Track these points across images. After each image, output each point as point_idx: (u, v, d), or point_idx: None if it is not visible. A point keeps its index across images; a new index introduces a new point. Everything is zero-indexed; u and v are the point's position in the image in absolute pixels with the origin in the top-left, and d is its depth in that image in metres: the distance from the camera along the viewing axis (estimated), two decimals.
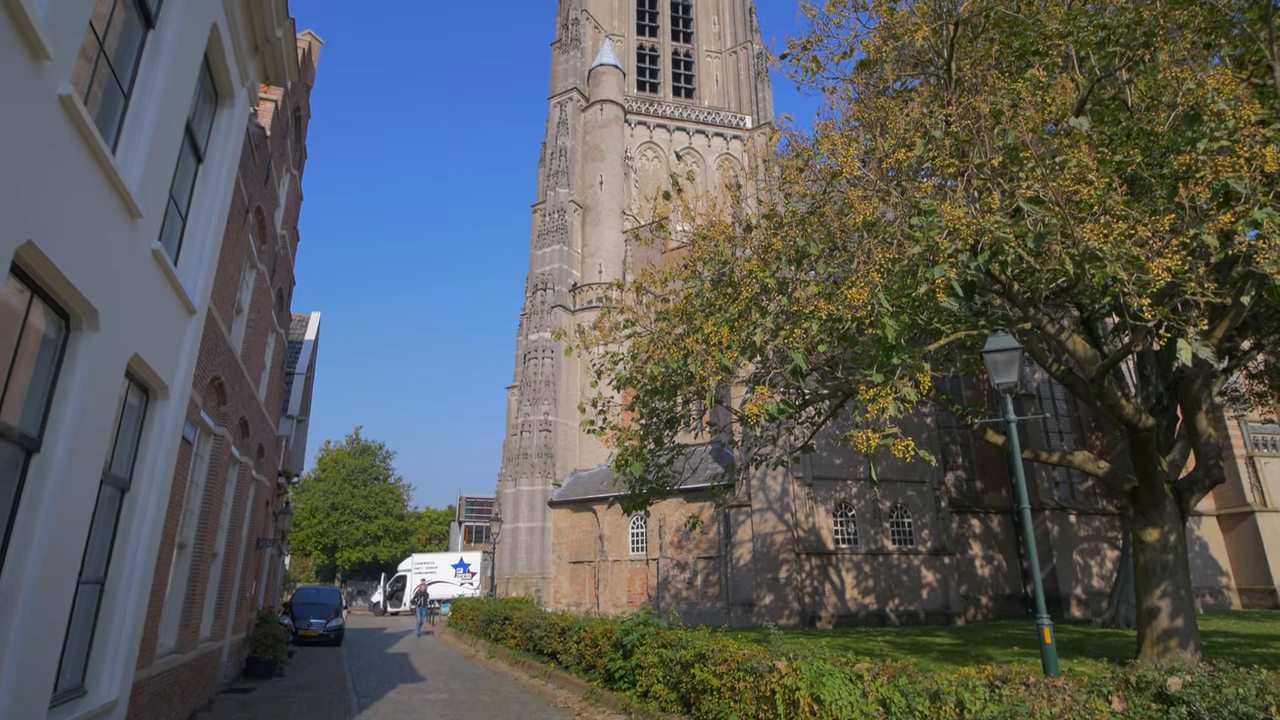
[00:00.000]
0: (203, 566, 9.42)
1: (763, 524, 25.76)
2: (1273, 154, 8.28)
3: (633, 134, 43.25)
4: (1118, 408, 11.97)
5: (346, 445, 65.92)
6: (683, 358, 10.08)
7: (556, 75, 43.68)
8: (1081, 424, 31.85)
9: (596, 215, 40.15)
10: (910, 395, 8.21)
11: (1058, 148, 9.04)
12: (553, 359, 36.16)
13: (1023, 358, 23.04)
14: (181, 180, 7.01)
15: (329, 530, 60.45)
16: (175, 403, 6.91)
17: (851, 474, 26.30)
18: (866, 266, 8.52)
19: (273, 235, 12.21)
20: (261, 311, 12.02)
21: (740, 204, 14.04)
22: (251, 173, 9.51)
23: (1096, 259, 8.21)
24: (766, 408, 9.02)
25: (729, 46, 47.01)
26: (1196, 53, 10.97)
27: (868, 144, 10.74)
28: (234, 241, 8.98)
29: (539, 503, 34.09)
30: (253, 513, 13.93)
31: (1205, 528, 30.93)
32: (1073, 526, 29.05)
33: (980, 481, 30.48)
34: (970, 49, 12.51)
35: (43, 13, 3.72)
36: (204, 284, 7.46)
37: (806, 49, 12.37)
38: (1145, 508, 12.74)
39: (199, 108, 7.23)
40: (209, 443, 9.43)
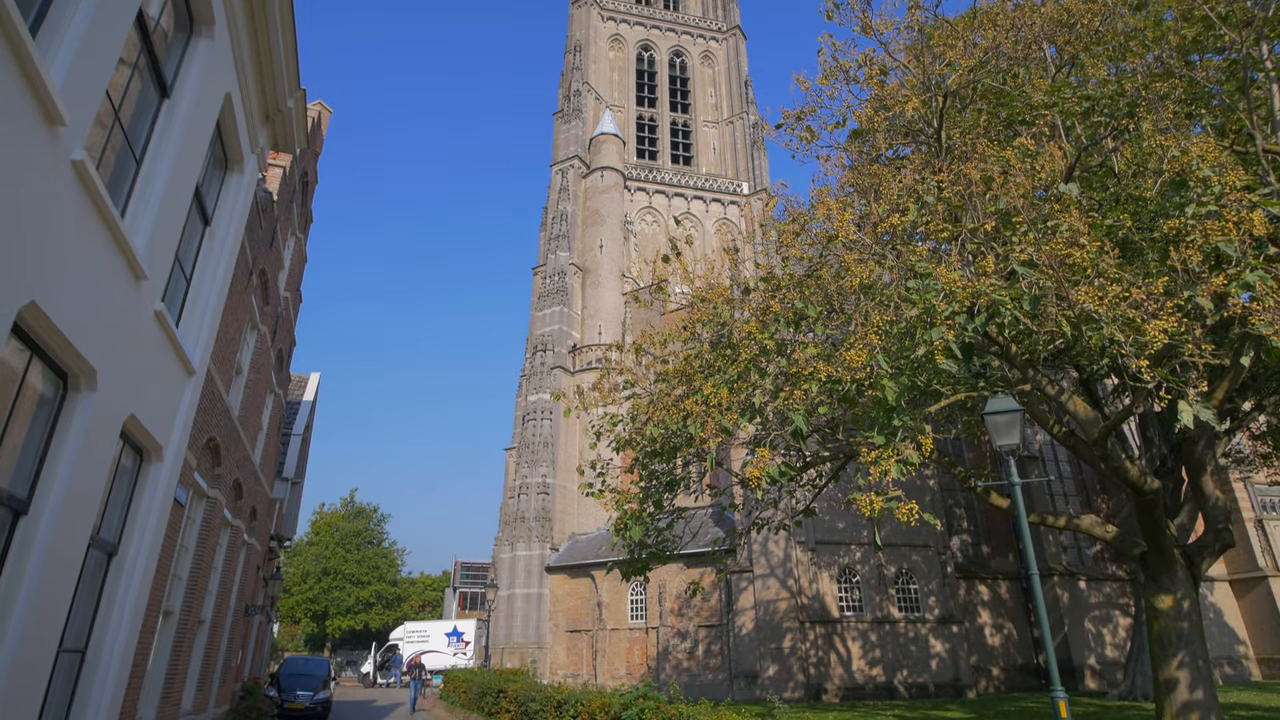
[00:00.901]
0: (188, 635, 9.12)
1: (765, 590, 25.14)
2: (1260, 218, 8.45)
3: (632, 199, 44.26)
4: (1122, 470, 11.84)
5: (341, 508, 64.96)
6: (682, 419, 10.03)
7: (558, 143, 44.99)
8: (1087, 487, 31.46)
9: (596, 278, 40.69)
10: (912, 457, 8.13)
11: (1049, 212, 9.22)
12: (551, 420, 36.00)
13: (1024, 420, 22.95)
14: (188, 243, 7.12)
15: (320, 596, 58.93)
16: (169, 464, 6.83)
17: (855, 538, 25.82)
18: (864, 328, 8.56)
19: (276, 297, 12.32)
20: (261, 372, 12.02)
21: (738, 267, 14.24)
22: (257, 236, 9.67)
23: (1093, 321, 8.27)
24: (767, 470, 8.91)
25: (725, 117, 48.59)
26: (1179, 122, 11.33)
27: (862, 209, 10.96)
28: (237, 303, 9.05)
29: (536, 568, 33.34)
30: (242, 578, 13.59)
31: (1219, 594, 30.16)
32: (1083, 593, 28.32)
33: (986, 546, 29.90)
34: (959, 119, 12.93)
35: (60, 81, 3.84)
36: (205, 345, 7.47)
37: (800, 119, 12.77)
38: (1156, 573, 12.46)
39: (209, 173, 7.40)
40: (201, 505, 9.27)
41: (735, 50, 50.21)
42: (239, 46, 7.08)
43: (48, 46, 3.90)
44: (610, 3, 49.73)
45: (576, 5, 48.88)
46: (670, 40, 50.42)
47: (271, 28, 7.31)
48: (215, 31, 6.32)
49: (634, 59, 49.37)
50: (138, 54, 5.30)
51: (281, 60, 7.80)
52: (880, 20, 11.41)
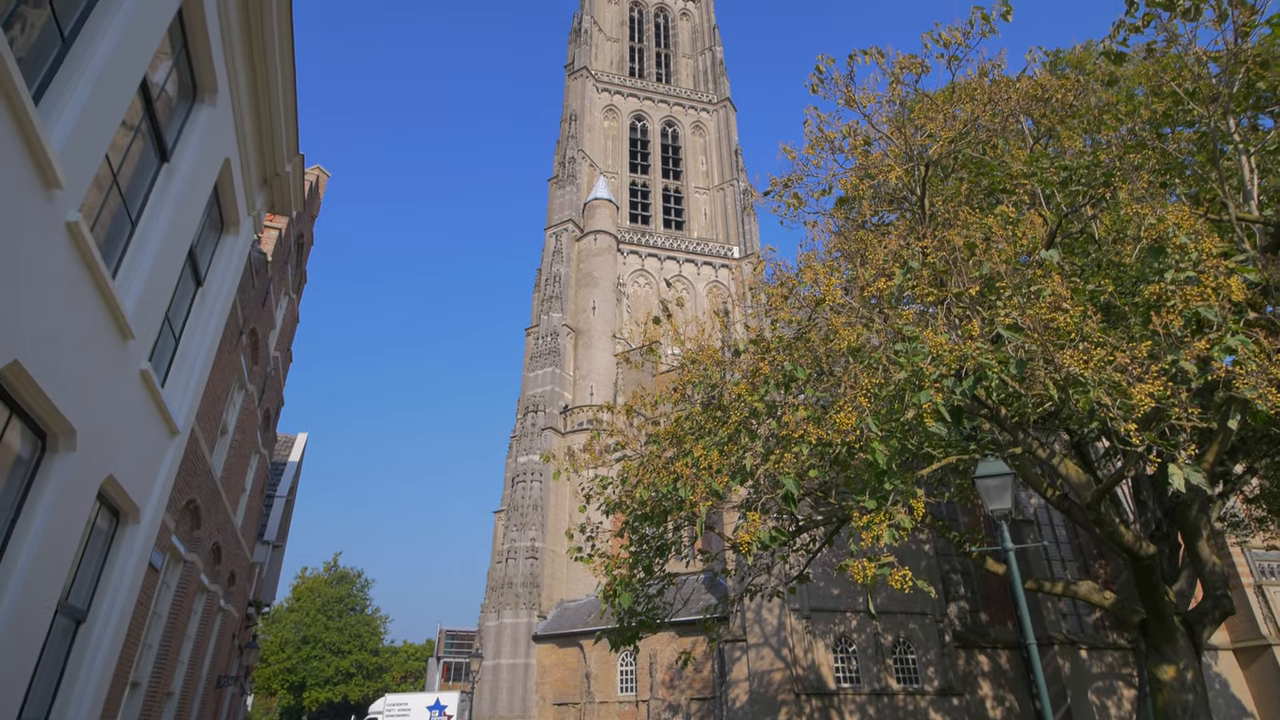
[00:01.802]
0: (155, 707, 8.72)
1: (759, 661, 24.37)
2: (1238, 284, 8.64)
3: (625, 262, 44.93)
4: (1117, 535, 11.72)
5: (324, 572, 63.22)
6: (672, 481, 9.92)
7: (553, 208, 45.93)
8: (1084, 551, 31.04)
9: (589, 339, 40.90)
10: (904, 522, 8.03)
11: (1031, 277, 9.40)
12: (541, 482, 35.54)
13: (1017, 483, 22.83)
14: (179, 303, 7.13)
15: (298, 666, 56.71)
16: (146, 527, 6.66)
17: (851, 606, 25.23)
18: (853, 391, 8.58)
19: (265, 357, 12.29)
20: (246, 433, 11.88)
21: (729, 329, 14.34)
22: (249, 296, 9.71)
23: (1079, 384, 8.32)
24: (759, 535, 8.77)
25: (716, 183, 49.89)
26: (1154, 191, 11.70)
27: (849, 273, 11.15)
28: (225, 362, 9.01)
29: (522, 636, 32.31)
30: (216, 647, 13.09)
31: (1223, 663, 29.42)
32: (1085, 663, 27.57)
33: (985, 613, 29.23)
34: (942, 187, 13.31)
35: (59, 145, 3.91)
36: (190, 405, 7.40)
37: (788, 186, 13.13)
38: (1157, 642, 12.19)
39: (204, 234, 7.48)
40: (177, 570, 9.00)
41: (725, 121, 51.95)
42: (240, 113, 7.26)
43: (50, 111, 3.99)
44: (605, 75, 51.64)
45: (573, 77, 50.73)
46: (663, 111, 52.18)
47: (273, 96, 7.53)
48: (218, 99, 6.49)
49: (627, 128, 50.96)
50: (140, 119, 5.43)
51: (282, 127, 8.00)
52: (863, 94, 11.87)
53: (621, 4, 56.32)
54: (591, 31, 52.42)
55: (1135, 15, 11.06)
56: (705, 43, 56.40)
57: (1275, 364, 8.57)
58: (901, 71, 11.64)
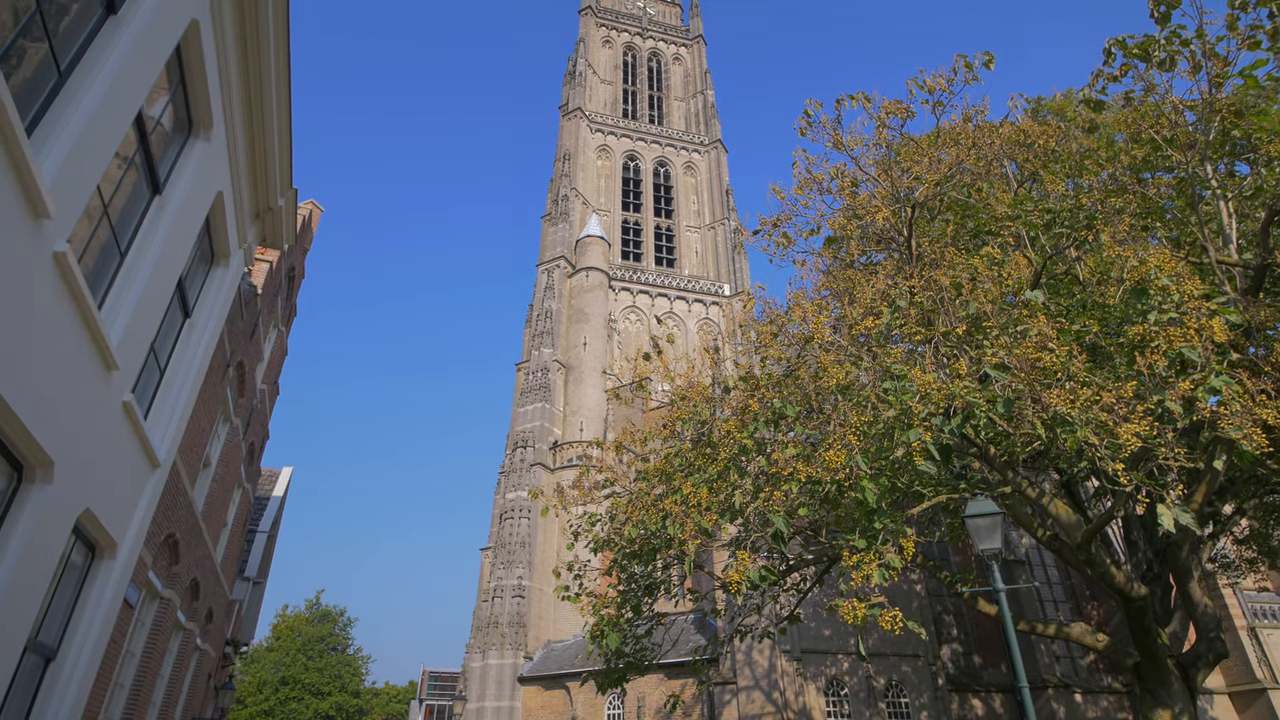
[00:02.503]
0: None
1: (749, 704, 23.85)
2: (1220, 325, 8.75)
3: (616, 299, 45.17)
4: (1108, 575, 11.65)
5: (305, 610, 61.78)
6: (661, 519, 9.82)
7: (545, 245, 46.30)
8: (1075, 592, 30.79)
9: (580, 375, 40.86)
10: (894, 561, 7.95)
11: (1017, 317, 9.50)
12: (529, 519, 35.11)
13: (1007, 523, 22.73)
14: (165, 334, 7.09)
15: (276, 708, 55.03)
16: (122, 562, 6.51)
17: (842, 647, 24.83)
18: (842, 429, 8.58)
19: (252, 389, 12.20)
20: (230, 466, 11.71)
21: (719, 366, 14.37)
22: (238, 328, 9.67)
23: (1066, 424, 8.35)
24: (748, 574, 8.66)
25: (707, 222, 50.52)
26: (1136, 234, 11.93)
27: (838, 312, 11.24)
28: (210, 395, 8.93)
29: (508, 678, 31.54)
30: (191, 687, 12.71)
31: (1219, 707, 29.01)
32: (1079, 707, 27.13)
33: (979, 656, 28.82)
34: (928, 228, 13.52)
35: (50, 176, 3.92)
36: (173, 437, 7.31)
37: (777, 226, 13.30)
38: (1152, 686, 12.04)
39: (193, 266, 7.47)
40: (153, 606, 8.78)
41: (716, 162, 52.84)
42: (235, 148, 7.33)
43: (43, 142, 4.01)
44: (598, 116, 52.58)
45: (566, 117, 51.64)
46: (655, 151, 53.06)
47: (269, 132, 7.61)
48: (213, 134, 6.55)
49: (620, 167, 51.71)
50: (134, 152, 5.46)
51: (276, 161, 8.07)
52: (850, 137, 12.11)
53: (615, 48, 57.67)
54: (586, 74, 53.54)
55: (1113, 65, 11.41)
56: (697, 86, 57.69)
57: (1259, 404, 8.64)
58: (887, 116, 11.91)
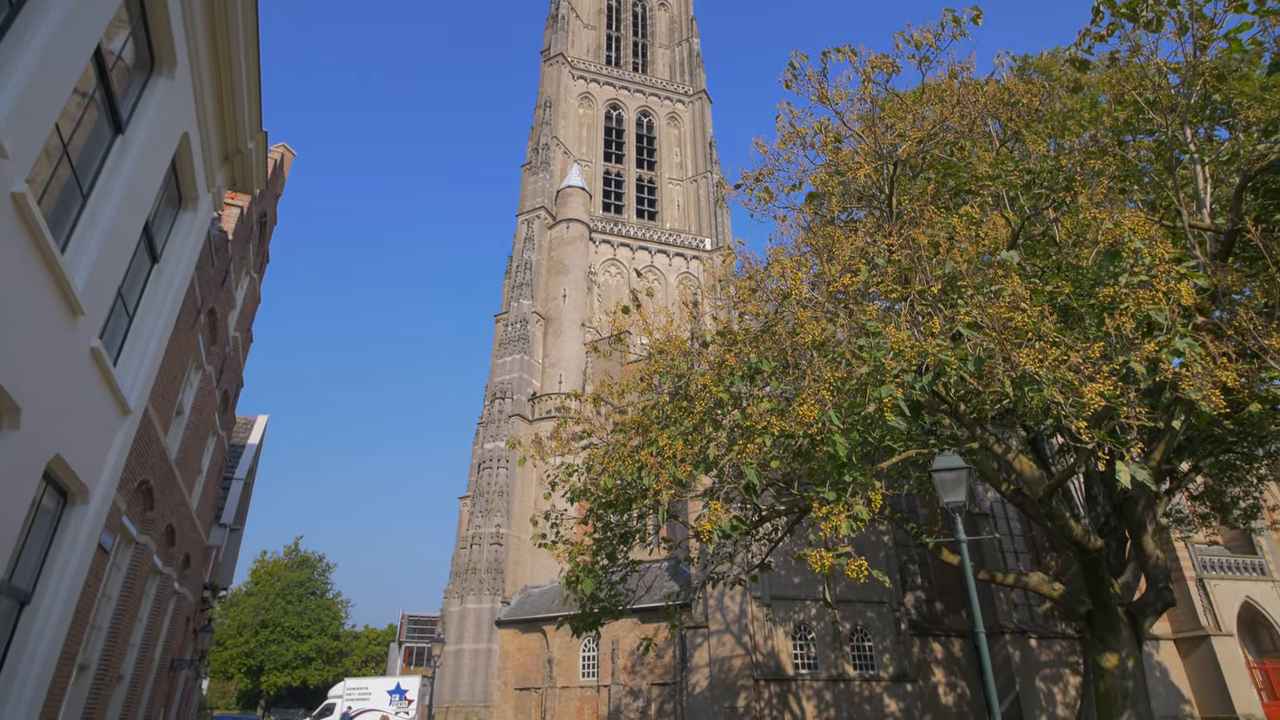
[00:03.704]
0: (105, 691, 8.54)
1: (720, 647, 24.69)
2: (1187, 289, 8.92)
3: (597, 251, 44.78)
4: (1067, 528, 12.09)
5: (284, 556, 62.32)
6: (637, 470, 9.97)
7: (526, 194, 45.53)
8: (1036, 544, 31.96)
9: (559, 327, 40.75)
10: (862, 513, 8.19)
11: (992, 277, 9.61)
12: (507, 469, 35.43)
13: (973, 477, 23.39)
14: (133, 279, 6.94)
15: (256, 650, 55.93)
16: (95, 508, 6.50)
17: (811, 594, 25.67)
18: (817, 385, 8.71)
19: (224, 337, 12.03)
20: (203, 414, 11.63)
21: (697, 321, 14.42)
22: (208, 275, 9.49)
23: (1034, 382, 8.55)
24: (721, 524, 8.88)
25: (690, 175, 49.89)
26: (1113, 196, 12.01)
27: (817, 268, 11.28)
28: (182, 342, 8.80)
29: (485, 622, 32.29)
30: (170, 630, 12.86)
31: (1164, 652, 30.60)
32: (1034, 651, 28.47)
33: (941, 603, 29.98)
34: (909, 186, 13.50)
35: (4, 112, 3.78)
36: (143, 384, 7.22)
37: (759, 180, 13.19)
38: (1101, 632, 12.63)
39: (160, 210, 7.28)
40: (128, 552, 8.81)
41: (700, 113, 51.91)
42: (200, 87, 7.07)
43: None
44: (581, 63, 51.17)
45: (548, 63, 50.20)
46: (638, 101, 51.94)
47: (235, 71, 7.34)
48: (176, 72, 6.31)
49: (602, 116, 50.63)
50: (93, 88, 5.26)
51: (244, 102, 7.80)
52: (835, 91, 11.95)
53: None
54: (569, 18, 51.88)
55: (1100, 24, 11.30)
56: (683, 34, 56.23)
57: (1220, 367, 8.88)
58: (873, 70, 11.76)
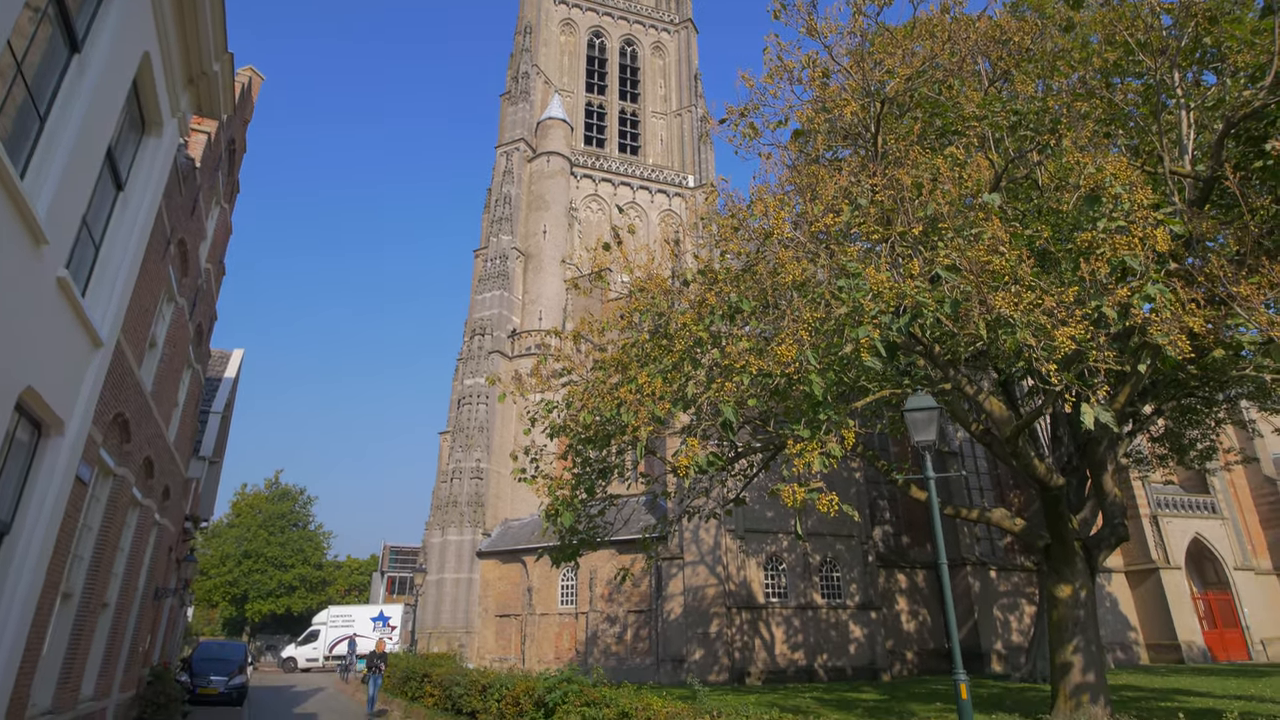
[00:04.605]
0: (90, 618, 8.69)
1: (695, 577, 25.57)
2: (1163, 235, 9.02)
3: (578, 186, 43.94)
4: (1031, 467, 12.51)
5: (265, 489, 62.71)
6: (616, 407, 10.08)
7: (505, 125, 44.22)
8: (1001, 482, 33.10)
9: (539, 263, 40.31)
10: (835, 450, 8.40)
11: (973, 220, 9.63)
12: (487, 405, 35.58)
13: (944, 417, 23.96)
14: (98, 208, 6.73)
15: (240, 580, 56.87)
16: (71, 440, 6.47)
17: (783, 527, 26.50)
18: (796, 325, 8.78)
19: (196, 268, 11.77)
20: (178, 346, 11.48)
21: (679, 259, 14.35)
22: (177, 204, 9.21)
23: (1008, 325, 8.69)
24: (697, 459, 9.06)
25: (674, 109, 48.67)
26: (1097, 140, 11.96)
27: (800, 208, 11.20)
28: (152, 273, 8.61)
29: (466, 553, 33.01)
30: (152, 560, 13.01)
31: (1115, 584, 32.26)
32: (993, 582, 29.86)
33: (907, 537, 31.15)
34: (896, 125, 13.32)
35: None
36: (114, 316, 7.09)
37: (745, 115, 12.93)
38: (1057, 564, 13.24)
39: (123, 135, 7.00)
40: (107, 484, 8.82)
41: (686, 43, 50.25)
42: (160, 4, 6.70)
43: None
44: None
45: None
46: (622, 28, 50.09)
47: None
48: None
49: (585, 44, 48.86)
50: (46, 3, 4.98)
51: (207, 22, 7.43)
52: (825, 23, 11.63)
53: None
54: None
55: None
56: None
57: (1188, 313, 9.07)
58: (865, 3, 11.43)
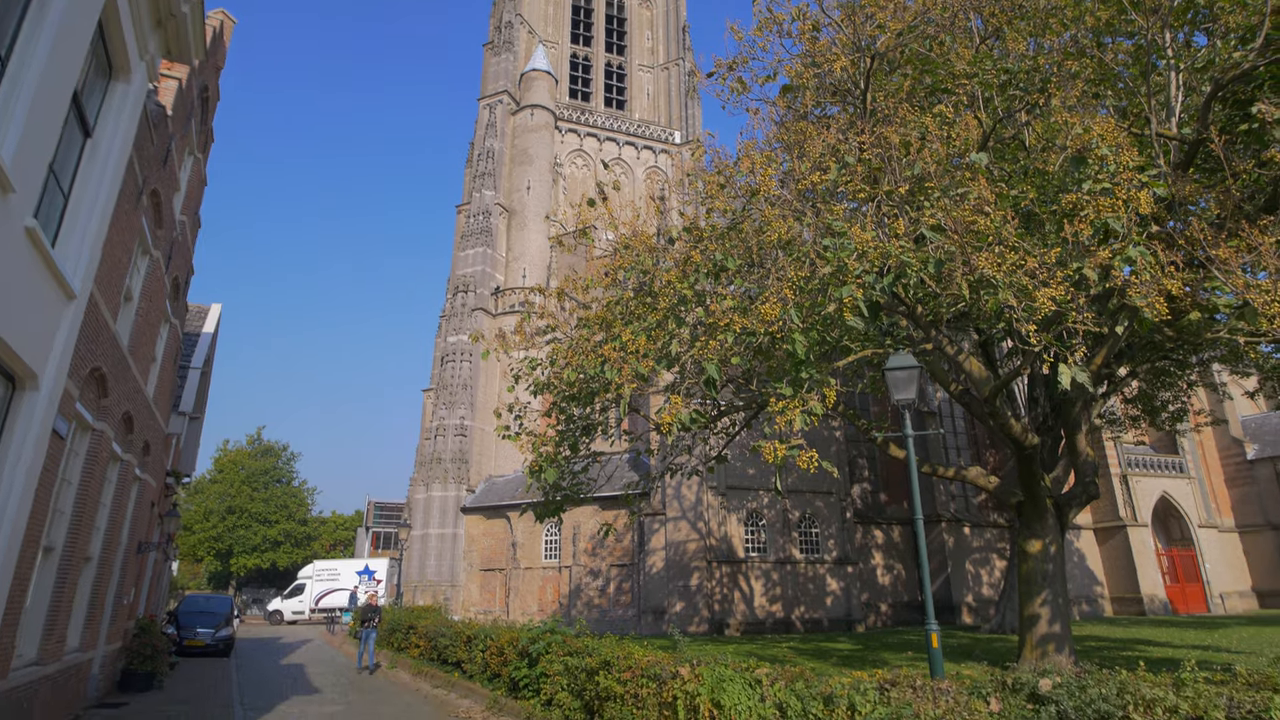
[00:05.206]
0: (72, 571, 8.71)
1: (676, 532, 26.02)
2: (1146, 198, 9.05)
3: (563, 141, 43.15)
4: (1007, 426, 12.74)
5: (247, 445, 62.51)
6: (600, 364, 10.09)
7: (487, 77, 43.10)
8: (978, 442, 33.74)
9: (523, 220, 39.80)
10: (816, 408, 8.49)
11: (960, 180, 9.59)
12: (471, 362, 35.49)
13: (924, 376, 24.27)
14: (65, 155, 6.52)
15: (224, 535, 57.07)
16: (46, 394, 6.38)
17: (763, 484, 26.93)
18: (780, 284, 8.77)
19: (170, 220, 11.50)
20: (154, 300, 11.28)
21: (664, 216, 14.21)
22: (148, 153, 8.94)
23: (990, 286, 8.74)
24: (680, 417, 9.13)
25: (661, 62, 47.64)
26: (1086, 101, 11.89)
27: (786, 165, 11.09)
28: (124, 224, 8.40)
29: (451, 509, 33.30)
30: (134, 514, 13.00)
31: (1084, 540, 33.28)
32: (967, 538, 30.69)
33: (885, 494, 31.80)
34: (885, 82, 13.14)
35: None
36: (86, 267, 6.94)
37: (733, 69, 12.68)
38: (1029, 520, 13.60)
39: (90, 79, 6.75)
40: (86, 438, 8.75)
41: None
42: None
43: None
44: None
45: None
46: None
47: None
48: None
49: None
50: None
51: None
52: None
53: None
54: None
55: None
56: None
57: (1167, 275, 9.16)
58: None
